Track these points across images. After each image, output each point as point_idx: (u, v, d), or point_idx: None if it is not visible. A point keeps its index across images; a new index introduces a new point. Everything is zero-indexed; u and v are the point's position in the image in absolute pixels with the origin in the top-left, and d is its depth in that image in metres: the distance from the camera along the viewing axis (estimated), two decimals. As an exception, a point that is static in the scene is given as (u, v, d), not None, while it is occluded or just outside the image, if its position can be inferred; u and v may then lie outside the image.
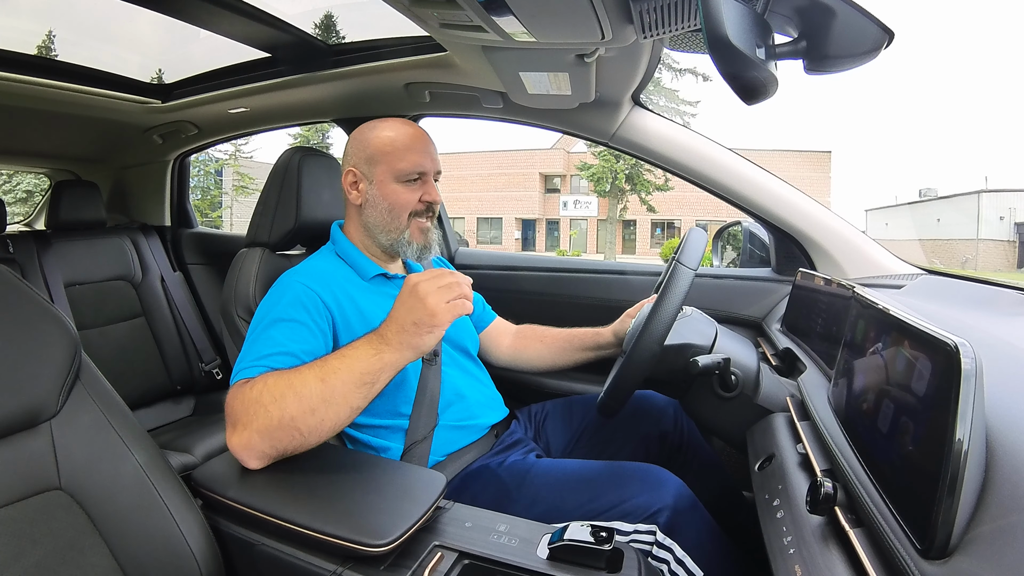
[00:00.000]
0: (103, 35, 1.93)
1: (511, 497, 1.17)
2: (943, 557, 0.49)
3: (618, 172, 23.78)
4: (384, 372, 1.00)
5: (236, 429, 0.99)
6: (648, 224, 28.41)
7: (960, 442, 0.49)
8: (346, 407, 0.99)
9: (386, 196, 1.31)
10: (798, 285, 1.48)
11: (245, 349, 1.13)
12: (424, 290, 0.98)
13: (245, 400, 0.99)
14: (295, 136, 22.87)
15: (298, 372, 1.00)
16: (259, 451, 0.98)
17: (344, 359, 1.00)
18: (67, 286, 2.27)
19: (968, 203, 23.02)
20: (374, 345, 1.00)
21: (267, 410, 0.96)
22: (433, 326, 0.98)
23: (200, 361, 2.59)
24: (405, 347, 1.00)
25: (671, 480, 1.14)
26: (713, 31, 0.69)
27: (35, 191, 16.99)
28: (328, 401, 0.97)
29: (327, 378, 0.98)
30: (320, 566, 0.88)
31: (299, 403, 0.96)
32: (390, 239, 1.33)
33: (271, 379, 1.00)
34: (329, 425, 0.99)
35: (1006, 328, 0.95)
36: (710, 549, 1.09)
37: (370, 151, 1.32)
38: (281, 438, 0.98)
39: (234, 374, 1.09)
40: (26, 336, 0.90)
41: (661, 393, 1.51)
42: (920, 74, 57.70)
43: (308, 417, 0.97)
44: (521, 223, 30.03)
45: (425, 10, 1.13)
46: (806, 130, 49.70)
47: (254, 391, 0.99)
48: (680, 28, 1.07)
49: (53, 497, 0.86)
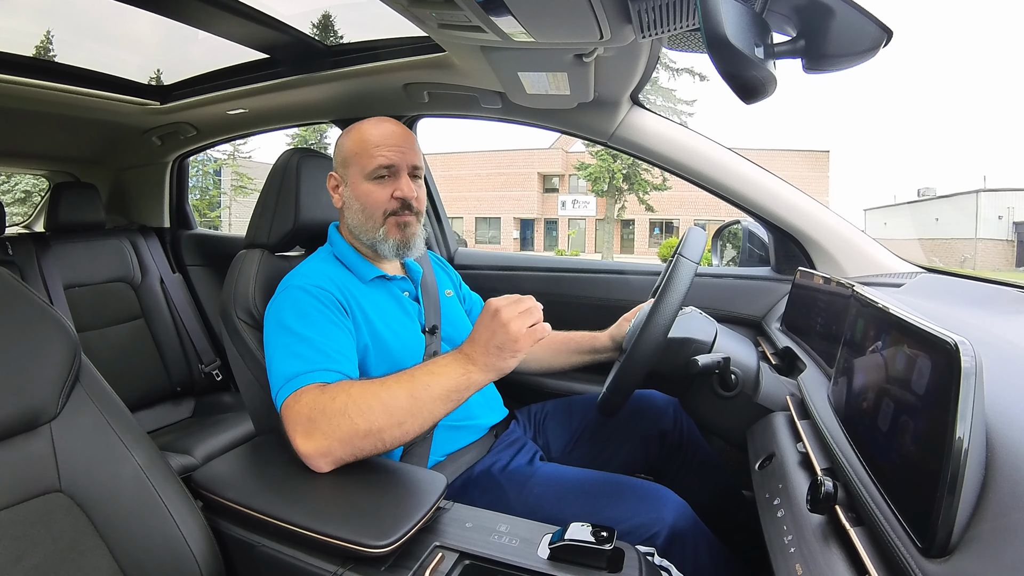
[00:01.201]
0: (102, 37, 1.93)
1: (509, 506, 1.17)
2: (944, 555, 0.49)
3: (615, 172, 23.82)
4: (469, 390, 1.05)
5: (313, 437, 1.00)
6: (647, 224, 28.41)
7: (960, 440, 0.49)
8: (430, 420, 1.04)
9: (359, 196, 1.31)
10: (797, 284, 1.48)
11: (279, 358, 1.13)
12: (507, 316, 1.02)
13: (326, 411, 1.01)
14: (292, 136, 22.88)
15: (385, 385, 1.03)
16: (336, 458, 1.01)
17: (434, 376, 1.04)
18: (66, 288, 2.27)
19: (966, 202, 23.00)
20: (463, 365, 1.05)
21: (353, 421, 0.99)
22: (516, 351, 1.03)
23: (200, 362, 2.59)
24: (490, 369, 1.04)
25: (671, 499, 1.14)
26: (712, 30, 0.69)
27: (33, 191, 16.96)
28: (415, 415, 1.02)
29: (417, 393, 1.02)
30: (321, 567, 0.88)
31: (388, 416, 1.00)
32: (369, 239, 1.32)
33: (354, 390, 1.03)
34: (411, 436, 1.04)
35: (1006, 326, 0.95)
36: (710, 570, 1.09)
37: (344, 153, 1.32)
38: (363, 447, 1.01)
39: (281, 386, 1.09)
40: (26, 338, 0.90)
41: (661, 392, 1.51)
42: (918, 73, 57.75)
43: (395, 429, 1.01)
44: (519, 223, 30.05)
45: (423, 10, 1.13)
46: (804, 129, 49.69)
47: (336, 402, 1.01)
48: (679, 27, 1.08)
49: (53, 499, 0.86)
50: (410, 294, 1.40)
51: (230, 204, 26.14)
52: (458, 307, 1.54)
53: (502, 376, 1.07)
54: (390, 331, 1.27)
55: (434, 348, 1.33)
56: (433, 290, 1.45)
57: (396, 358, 1.26)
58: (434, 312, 1.40)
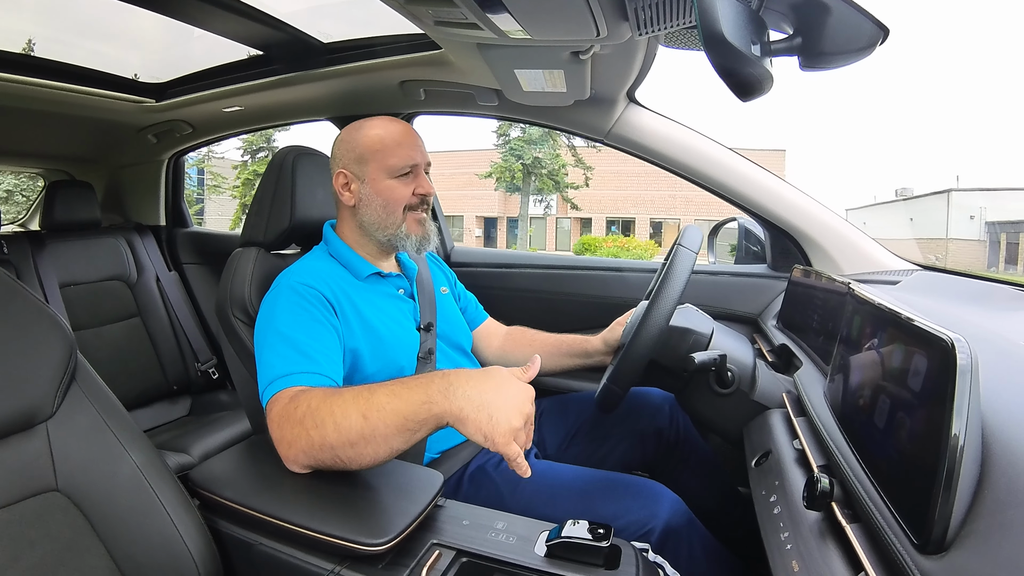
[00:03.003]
0: (96, 34, 1.92)
1: (503, 503, 1.18)
2: (940, 552, 0.50)
3: (515, 170, 24.91)
4: (427, 425, 0.92)
5: (282, 444, 0.99)
6: (603, 222, 29.23)
7: (956, 437, 0.49)
8: (386, 448, 0.94)
9: (380, 193, 1.31)
10: (794, 281, 1.49)
11: (266, 358, 1.12)
12: (523, 413, 0.90)
13: (290, 419, 0.98)
14: (244, 140, 23.70)
15: (341, 400, 0.96)
16: (304, 465, 0.99)
17: (392, 398, 0.94)
18: (62, 287, 2.26)
19: (939, 202, 22.87)
20: (428, 394, 0.92)
21: (309, 434, 0.95)
22: (489, 438, 0.88)
23: (196, 361, 2.59)
24: (459, 413, 0.90)
25: (665, 496, 1.15)
26: (708, 27, 0.69)
27: (15, 191, 16.88)
28: (367, 439, 0.93)
29: (369, 415, 0.93)
30: (318, 565, 0.88)
31: (338, 435, 0.93)
32: (387, 235, 1.33)
33: (314, 400, 0.98)
34: (368, 460, 0.95)
35: (1001, 323, 0.95)
36: (704, 567, 1.09)
37: (359, 151, 1.32)
38: (323, 460, 0.97)
39: (265, 387, 1.08)
40: (21, 337, 0.90)
41: (659, 388, 1.52)
42: (897, 71, 57.65)
43: (347, 449, 0.94)
44: (483, 221, 30.64)
45: (420, 8, 1.13)
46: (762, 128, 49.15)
47: (298, 411, 0.98)
48: (675, 25, 1.08)
49: (50, 499, 0.86)
50: (405, 291, 1.40)
51: (204, 203, 26.51)
52: (453, 304, 1.54)
53: (457, 429, 0.91)
54: (385, 328, 1.27)
55: (429, 345, 1.33)
56: (429, 287, 1.45)
57: (391, 355, 1.26)
58: (429, 309, 1.41)
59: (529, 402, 0.92)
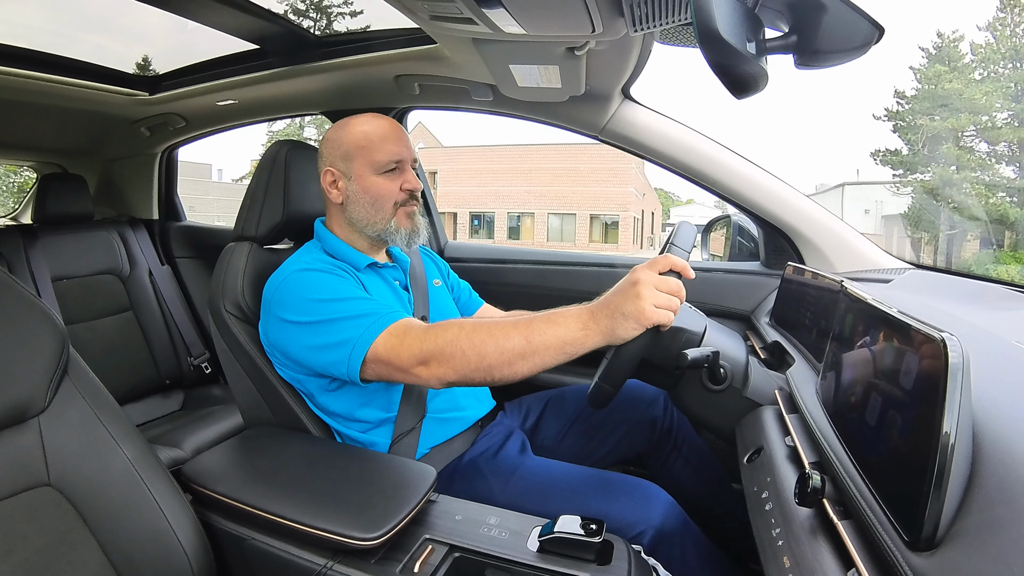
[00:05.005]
0: (90, 26, 1.91)
1: (493, 497, 1.18)
2: (930, 549, 0.50)
3: None
4: (584, 347, 1.03)
5: (430, 365, 1.06)
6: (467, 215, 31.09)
7: (947, 435, 0.50)
8: (540, 366, 1.04)
9: (367, 189, 1.31)
10: (787, 279, 1.49)
11: (339, 325, 1.14)
12: (645, 290, 1.00)
13: (439, 342, 1.05)
14: (268, 134, 23.63)
15: (501, 326, 1.05)
16: (449, 382, 1.07)
17: (552, 324, 1.04)
18: (54, 280, 2.25)
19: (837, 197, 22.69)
20: (583, 321, 1.03)
21: (466, 355, 1.03)
22: (640, 323, 1.00)
23: (189, 355, 2.58)
24: (608, 332, 1.02)
25: (659, 497, 1.15)
26: (703, 25, 0.69)
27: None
28: (526, 358, 1.03)
29: (532, 338, 1.02)
30: (310, 560, 0.88)
31: (500, 355, 1.03)
32: (377, 231, 1.33)
33: (467, 324, 1.07)
34: (520, 376, 1.05)
35: (993, 322, 0.96)
36: (697, 570, 1.10)
37: (345, 148, 1.32)
38: (474, 378, 1.05)
39: (360, 335, 1.11)
40: (13, 331, 0.89)
41: (651, 386, 1.52)
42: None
43: (504, 368, 1.03)
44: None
45: (415, 2, 1.12)
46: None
47: (448, 333, 1.06)
48: (671, 21, 1.07)
49: (42, 493, 0.86)
50: (400, 283, 1.41)
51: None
52: (447, 296, 1.55)
53: (616, 344, 1.05)
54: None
55: None
56: (422, 280, 1.45)
57: None
58: (423, 302, 1.41)
59: (656, 281, 1.02)
